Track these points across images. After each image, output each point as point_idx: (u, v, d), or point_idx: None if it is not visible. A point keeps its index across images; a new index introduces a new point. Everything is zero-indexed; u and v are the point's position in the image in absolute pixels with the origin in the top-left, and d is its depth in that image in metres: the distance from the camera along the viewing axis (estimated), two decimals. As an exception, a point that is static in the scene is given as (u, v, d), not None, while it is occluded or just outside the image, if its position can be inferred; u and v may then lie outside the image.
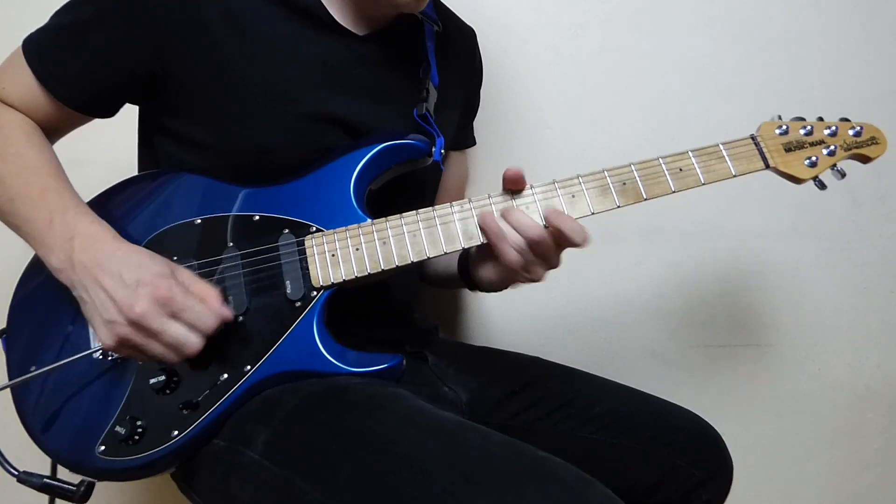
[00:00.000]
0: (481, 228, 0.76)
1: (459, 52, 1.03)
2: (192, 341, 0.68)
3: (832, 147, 0.82)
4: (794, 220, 1.24)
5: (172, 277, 0.69)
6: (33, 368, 0.75)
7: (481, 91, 1.13)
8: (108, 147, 1.05)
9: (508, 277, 0.80)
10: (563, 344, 1.30)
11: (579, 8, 1.24)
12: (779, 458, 1.32)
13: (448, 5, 1.03)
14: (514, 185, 0.77)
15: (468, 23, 1.07)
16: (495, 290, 0.87)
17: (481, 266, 0.84)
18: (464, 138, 1.12)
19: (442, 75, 0.92)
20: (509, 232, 0.75)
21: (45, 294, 0.78)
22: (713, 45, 1.23)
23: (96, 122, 0.85)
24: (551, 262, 0.78)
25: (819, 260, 1.26)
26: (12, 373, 0.77)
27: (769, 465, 1.32)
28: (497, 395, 0.93)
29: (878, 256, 1.26)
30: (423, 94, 0.88)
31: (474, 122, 1.14)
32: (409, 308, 1.00)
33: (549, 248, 0.76)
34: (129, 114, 0.87)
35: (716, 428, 0.94)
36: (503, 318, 1.31)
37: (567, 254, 0.80)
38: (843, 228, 1.25)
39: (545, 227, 0.75)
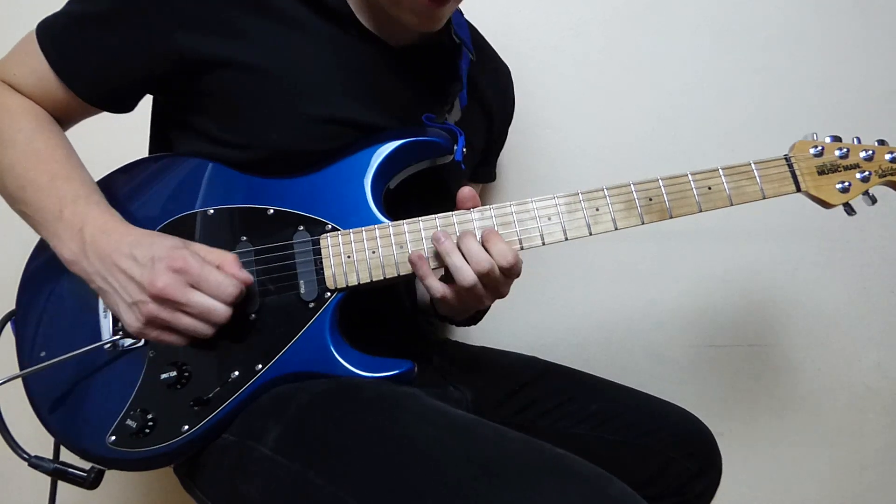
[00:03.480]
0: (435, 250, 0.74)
1: (491, 86, 1.00)
2: (220, 309, 0.68)
3: (867, 172, 0.77)
4: (794, 220, 1.24)
5: (186, 248, 0.69)
6: (43, 354, 0.75)
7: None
8: (110, 146, 1.05)
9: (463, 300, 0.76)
10: (562, 344, 1.30)
11: (579, 8, 1.25)
12: (779, 457, 1.32)
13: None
14: (462, 205, 0.76)
15: (483, 37, 1.04)
16: (456, 319, 0.86)
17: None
18: (485, 173, 1.10)
19: (470, 102, 0.90)
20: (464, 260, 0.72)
21: (55, 275, 0.76)
22: (713, 45, 1.24)
23: (98, 121, 0.84)
24: (500, 293, 0.76)
25: (819, 260, 1.26)
26: (22, 357, 0.76)
27: (769, 465, 1.32)
28: (497, 394, 0.94)
29: (878, 256, 1.26)
30: (447, 107, 0.86)
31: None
32: (414, 310, 0.99)
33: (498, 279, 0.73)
34: (134, 112, 0.85)
35: (716, 427, 0.95)
36: (503, 319, 1.30)
37: (566, 254, 0.78)
38: (843, 228, 1.24)
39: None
